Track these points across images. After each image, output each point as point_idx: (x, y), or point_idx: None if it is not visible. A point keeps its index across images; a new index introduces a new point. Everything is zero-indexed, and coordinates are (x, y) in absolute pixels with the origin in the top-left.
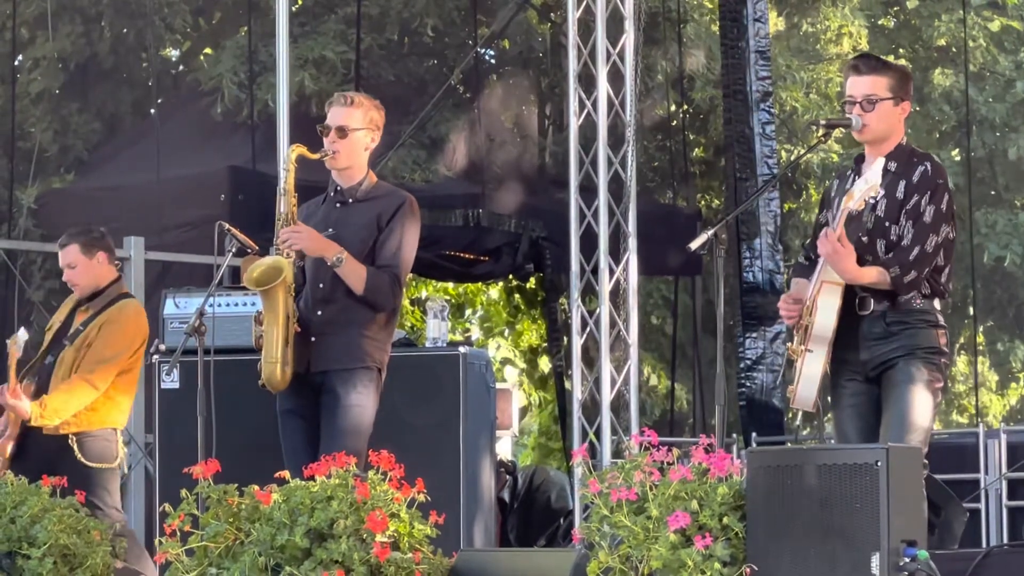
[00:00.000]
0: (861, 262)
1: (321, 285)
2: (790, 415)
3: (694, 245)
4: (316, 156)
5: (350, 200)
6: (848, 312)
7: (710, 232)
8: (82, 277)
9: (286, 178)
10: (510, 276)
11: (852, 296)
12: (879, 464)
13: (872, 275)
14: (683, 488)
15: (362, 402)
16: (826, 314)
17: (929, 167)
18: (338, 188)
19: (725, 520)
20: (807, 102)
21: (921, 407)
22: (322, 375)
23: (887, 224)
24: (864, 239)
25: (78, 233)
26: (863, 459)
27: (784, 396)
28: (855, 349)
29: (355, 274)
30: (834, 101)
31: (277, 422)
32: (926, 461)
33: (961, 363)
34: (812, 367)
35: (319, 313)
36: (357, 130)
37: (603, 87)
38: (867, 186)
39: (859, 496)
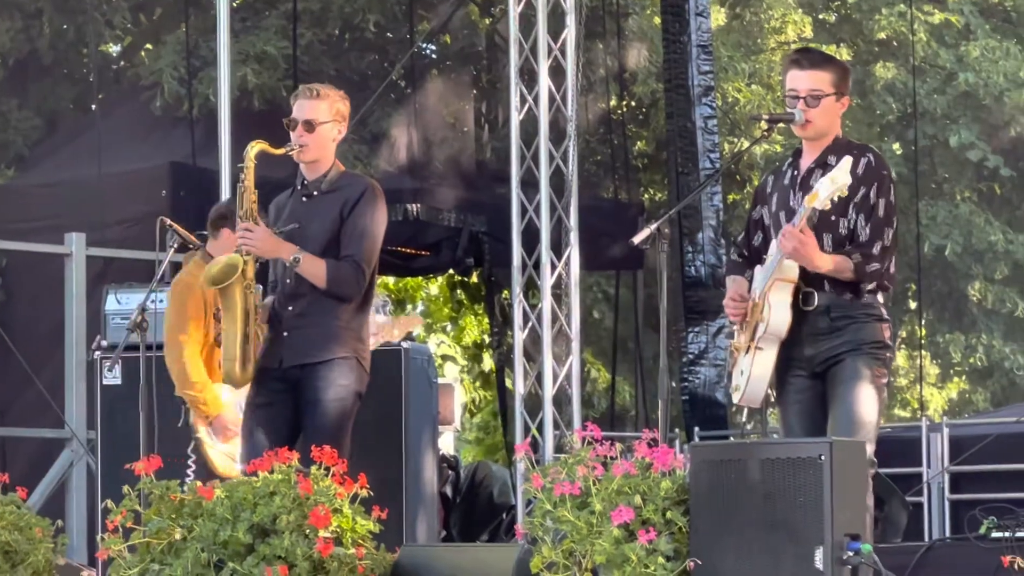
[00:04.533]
0: None
1: (288, 281)
2: (733, 409)
3: (637, 240)
4: (281, 152)
5: (315, 192)
6: (792, 308)
7: (653, 227)
8: None
9: (245, 175)
10: (451, 271)
11: (796, 291)
12: (823, 458)
13: (834, 262)
14: (626, 483)
15: (341, 395)
16: (780, 311)
17: (872, 158)
18: (304, 181)
19: (668, 515)
20: (749, 93)
21: (868, 403)
22: (299, 369)
23: (832, 218)
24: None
25: None
26: (807, 453)
27: (728, 392)
28: (800, 344)
29: (314, 271)
30: (776, 91)
31: None
32: (875, 459)
33: (901, 357)
34: (761, 366)
35: (290, 308)
36: (324, 123)
37: (544, 82)
38: (835, 186)
39: (803, 490)
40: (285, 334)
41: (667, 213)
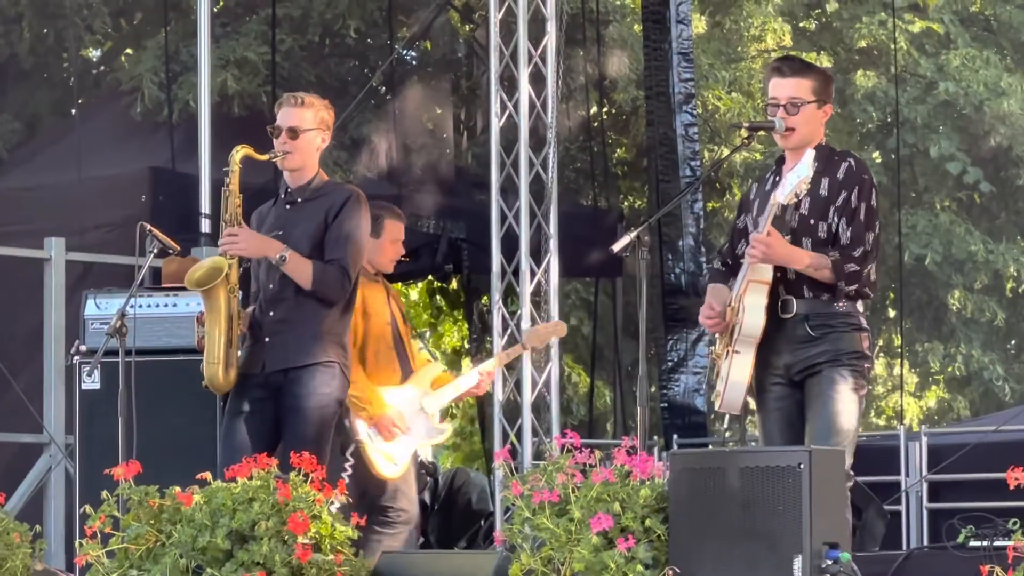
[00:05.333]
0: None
1: (271, 286)
2: (712, 417)
3: (617, 247)
4: (265, 157)
5: (299, 200)
6: (770, 315)
7: (632, 235)
8: None
9: (230, 179)
10: (430, 277)
11: (775, 299)
12: (801, 467)
13: (809, 257)
14: (605, 490)
15: (323, 403)
16: (754, 313)
17: (853, 163)
18: (288, 189)
19: (647, 522)
20: (729, 101)
21: (846, 413)
22: (281, 375)
23: (812, 222)
24: (788, 238)
25: None
26: (785, 461)
27: (709, 400)
28: (778, 352)
29: (300, 270)
30: (756, 98)
31: (198, 423)
32: (851, 472)
33: (879, 365)
34: (739, 370)
35: (271, 314)
36: (308, 130)
37: (524, 89)
38: (798, 179)
39: (782, 498)
40: (267, 339)
41: (647, 221)
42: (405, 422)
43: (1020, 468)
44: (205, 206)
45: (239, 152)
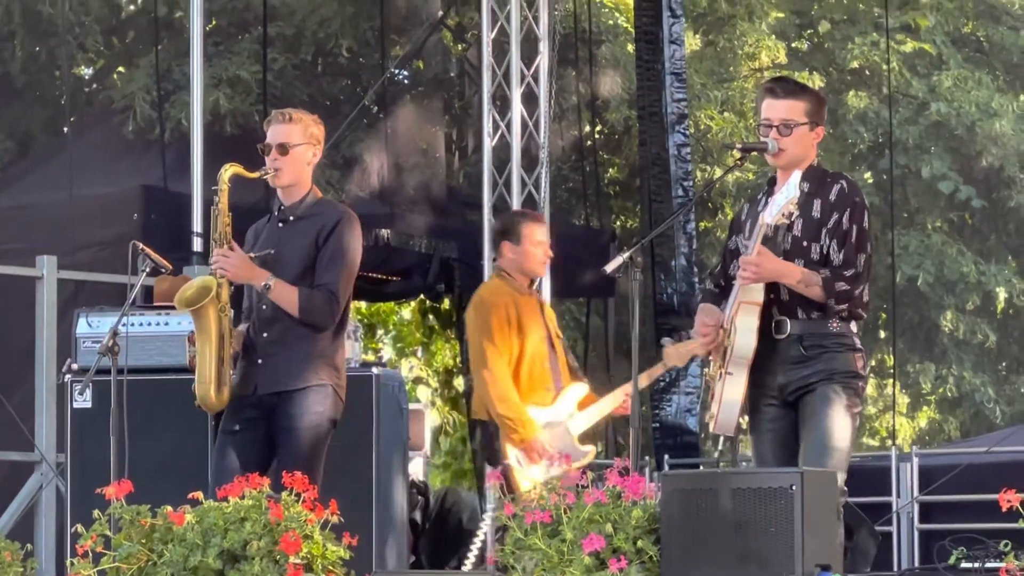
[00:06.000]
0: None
1: (264, 307)
2: (703, 436)
3: (609, 268)
4: (255, 175)
5: (291, 217)
6: (764, 336)
7: (625, 255)
8: None
9: (220, 198)
10: (422, 296)
11: (768, 319)
12: (794, 488)
13: (801, 272)
14: (597, 511)
15: (315, 422)
16: (746, 335)
17: (845, 184)
18: (281, 206)
19: (640, 543)
20: (722, 120)
21: (840, 432)
22: (275, 397)
23: (805, 243)
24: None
25: None
26: (778, 483)
27: (703, 421)
28: (772, 373)
29: (286, 298)
30: (749, 118)
31: (190, 442)
32: (845, 488)
33: (871, 386)
34: (732, 391)
35: (264, 335)
36: (298, 145)
37: (517, 108)
38: (786, 200)
39: (774, 520)
40: (260, 361)
41: (640, 241)
42: (553, 447)
43: (1012, 491)
44: (197, 225)
45: (228, 170)
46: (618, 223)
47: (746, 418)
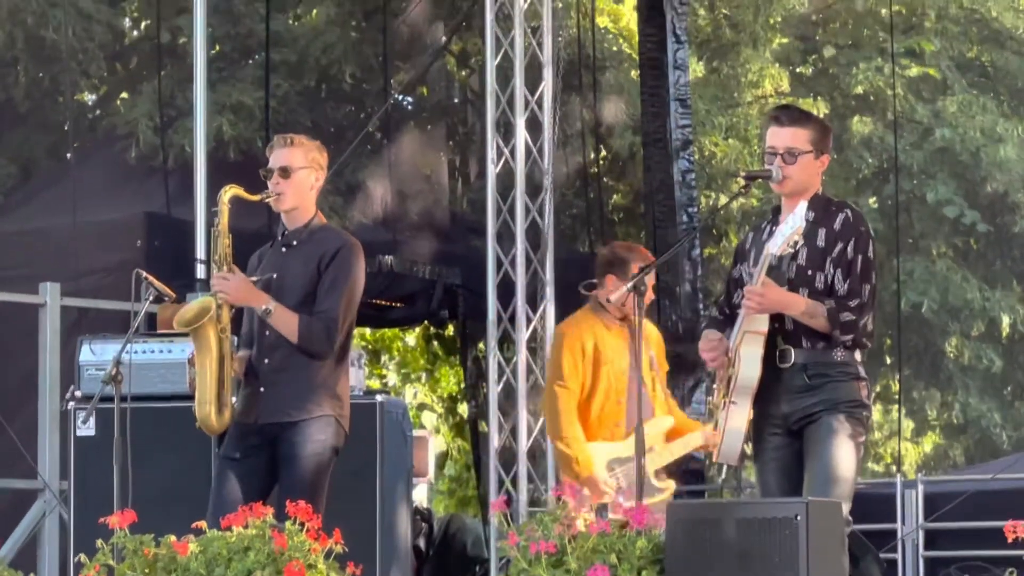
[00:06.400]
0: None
1: (267, 333)
2: (707, 463)
3: (614, 296)
4: (256, 198)
5: (295, 243)
6: (769, 365)
7: (629, 284)
8: None
9: (219, 219)
10: (426, 323)
11: (772, 349)
12: (799, 518)
13: (805, 303)
14: (602, 541)
15: (318, 450)
16: (750, 365)
17: (850, 214)
18: (284, 231)
19: (644, 574)
20: (726, 147)
21: (844, 461)
22: (277, 427)
23: (810, 272)
24: (785, 289)
25: None
26: (783, 513)
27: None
28: (776, 402)
29: (286, 325)
30: (753, 144)
31: (194, 470)
32: (850, 518)
33: (876, 412)
34: (736, 420)
35: (266, 361)
36: (300, 169)
37: (521, 134)
38: (791, 230)
39: (779, 550)
40: (262, 389)
41: (645, 269)
42: (620, 482)
43: (1019, 522)
44: (200, 251)
45: (228, 192)
46: None
47: (750, 445)
